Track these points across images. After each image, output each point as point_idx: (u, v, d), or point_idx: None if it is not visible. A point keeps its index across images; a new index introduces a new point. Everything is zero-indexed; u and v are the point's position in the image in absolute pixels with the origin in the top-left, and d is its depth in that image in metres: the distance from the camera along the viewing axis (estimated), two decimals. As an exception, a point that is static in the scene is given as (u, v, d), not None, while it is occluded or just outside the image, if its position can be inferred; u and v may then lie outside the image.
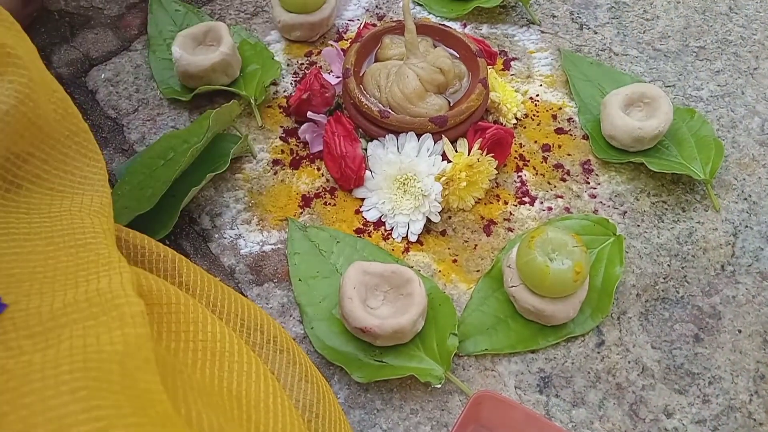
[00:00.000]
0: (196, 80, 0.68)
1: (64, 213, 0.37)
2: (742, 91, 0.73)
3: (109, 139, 0.69)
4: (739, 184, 0.67)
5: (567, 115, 0.71)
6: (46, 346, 0.30)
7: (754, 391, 0.55)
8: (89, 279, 0.33)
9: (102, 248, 0.35)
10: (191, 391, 0.33)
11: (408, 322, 0.52)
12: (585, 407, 0.54)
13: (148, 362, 0.30)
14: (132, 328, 0.31)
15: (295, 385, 0.46)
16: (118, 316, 0.31)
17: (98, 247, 0.35)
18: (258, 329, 0.47)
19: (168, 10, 0.77)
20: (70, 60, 0.75)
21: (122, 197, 0.60)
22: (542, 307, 0.55)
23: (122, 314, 0.31)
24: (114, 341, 0.30)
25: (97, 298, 0.32)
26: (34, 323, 0.31)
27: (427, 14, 0.80)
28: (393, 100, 0.63)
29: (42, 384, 0.28)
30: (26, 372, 0.29)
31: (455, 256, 0.61)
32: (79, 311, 0.32)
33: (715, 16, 0.80)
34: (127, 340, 0.30)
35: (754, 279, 0.61)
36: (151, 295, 0.38)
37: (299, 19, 0.74)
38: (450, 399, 0.54)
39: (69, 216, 0.37)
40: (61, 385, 0.28)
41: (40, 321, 0.31)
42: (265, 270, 0.60)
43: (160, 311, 0.37)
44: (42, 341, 0.30)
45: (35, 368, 0.29)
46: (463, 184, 0.61)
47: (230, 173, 0.66)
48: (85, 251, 0.35)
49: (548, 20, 0.79)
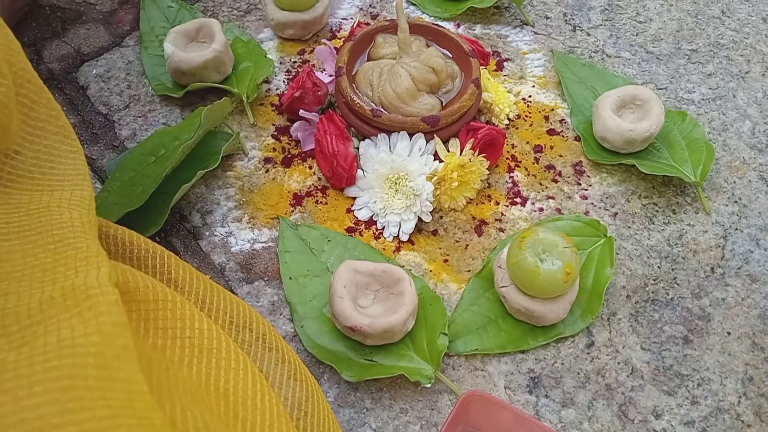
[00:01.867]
0: (188, 77, 0.68)
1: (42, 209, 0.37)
2: (734, 95, 0.74)
3: (100, 136, 0.69)
4: (729, 187, 0.67)
5: (559, 116, 0.71)
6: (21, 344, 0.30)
7: (742, 393, 0.55)
8: (67, 275, 0.33)
9: (80, 242, 0.35)
10: (177, 388, 0.33)
11: (398, 322, 0.52)
12: (574, 408, 0.54)
13: (127, 350, 0.30)
14: (107, 317, 0.30)
15: (284, 384, 0.45)
16: (91, 306, 0.31)
17: (77, 242, 0.35)
18: (247, 327, 0.47)
19: (160, 6, 0.77)
20: (61, 55, 0.74)
21: (112, 194, 0.60)
22: (532, 308, 0.55)
23: (96, 303, 0.31)
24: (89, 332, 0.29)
25: (71, 292, 0.32)
26: (10, 322, 0.31)
27: (421, 14, 0.80)
28: (385, 99, 0.63)
29: (14, 384, 0.28)
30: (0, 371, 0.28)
31: (446, 256, 0.61)
32: (54, 306, 0.31)
33: (708, 19, 0.81)
34: (103, 329, 0.30)
35: (743, 281, 0.61)
36: (138, 291, 0.37)
37: (292, 17, 0.74)
38: (440, 398, 0.54)
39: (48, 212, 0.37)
40: (35, 385, 0.28)
41: (17, 320, 0.31)
42: (255, 268, 0.60)
43: (147, 308, 0.37)
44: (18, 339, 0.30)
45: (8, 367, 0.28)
46: (454, 184, 0.61)
47: (221, 171, 0.66)
48: (64, 246, 0.34)
49: (541, 21, 0.79)
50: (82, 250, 0.34)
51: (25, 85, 0.39)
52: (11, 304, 0.31)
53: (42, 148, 0.40)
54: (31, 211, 0.36)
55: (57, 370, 0.28)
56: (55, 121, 0.41)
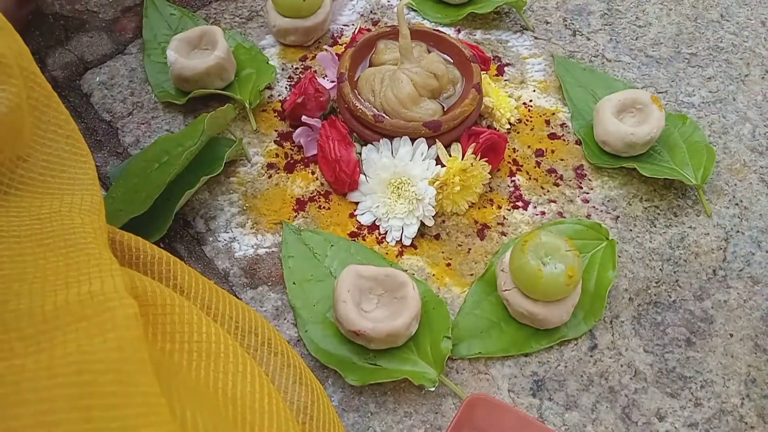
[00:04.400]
0: (190, 84, 0.69)
1: (54, 214, 0.37)
2: (734, 98, 0.74)
3: (104, 143, 0.69)
4: (730, 190, 0.67)
5: (560, 120, 0.71)
6: (38, 350, 0.30)
7: (745, 395, 0.55)
8: (80, 280, 0.33)
9: (92, 248, 0.35)
10: (186, 393, 0.33)
11: (402, 326, 0.52)
12: (578, 410, 0.54)
13: (144, 363, 0.30)
14: (126, 331, 0.31)
15: (290, 388, 0.46)
16: (110, 318, 0.31)
17: (88, 248, 0.35)
18: (252, 332, 0.47)
19: (163, 14, 0.77)
20: (64, 63, 0.75)
21: (116, 200, 0.60)
22: (535, 311, 0.55)
23: (115, 317, 0.31)
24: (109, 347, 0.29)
25: (89, 300, 0.32)
26: (25, 325, 0.31)
27: (422, 20, 0.80)
28: (387, 104, 0.63)
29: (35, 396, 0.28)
30: (18, 380, 0.28)
31: (449, 260, 0.62)
32: (72, 314, 0.31)
33: (707, 23, 0.81)
34: (121, 344, 0.30)
35: (745, 283, 0.61)
36: (145, 296, 0.38)
37: (294, 24, 0.74)
38: (444, 402, 0.54)
39: (59, 217, 0.37)
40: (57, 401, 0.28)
41: (31, 323, 0.31)
42: (259, 273, 0.60)
43: (154, 312, 0.37)
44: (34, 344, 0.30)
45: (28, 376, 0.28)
46: (456, 188, 0.62)
47: (225, 177, 0.66)
48: (76, 251, 0.34)
49: (541, 26, 0.80)
50: (95, 256, 0.34)
51: (36, 88, 0.40)
52: (24, 305, 0.31)
53: (53, 152, 0.40)
54: (42, 215, 0.37)
55: (78, 386, 0.28)
56: (65, 126, 0.41)
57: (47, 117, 0.40)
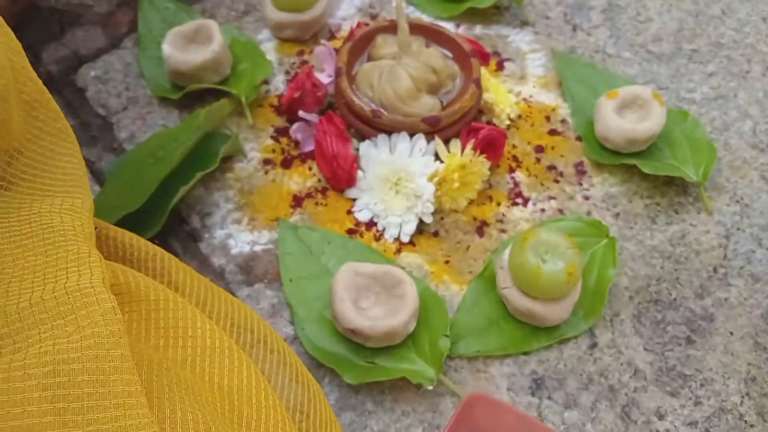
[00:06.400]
0: (186, 78, 0.68)
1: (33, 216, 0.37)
2: (735, 94, 0.73)
3: (99, 138, 0.68)
4: (731, 187, 0.67)
5: (560, 116, 0.71)
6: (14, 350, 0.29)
7: (745, 393, 0.55)
8: (57, 276, 0.32)
9: (71, 245, 0.34)
10: (179, 389, 0.32)
11: (400, 324, 0.52)
12: (577, 409, 0.53)
13: (123, 360, 0.29)
14: (103, 327, 0.30)
15: (286, 386, 0.45)
16: (87, 314, 0.30)
17: (67, 244, 0.34)
18: (248, 330, 0.47)
19: (158, 7, 0.76)
20: (59, 57, 0.74)
21: (111, 195, 0.60)
22: (535, 309, 0.54)
23: (92, 312, 0.30)
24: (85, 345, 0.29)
25: (65, 296, 0.31)
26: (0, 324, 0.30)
27: (420, 14, 0.79)
28: (385, 99, 0.62)
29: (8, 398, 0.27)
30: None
31: (448, 258, 0.61)
32: (47, 311, 0.31)
33: (708, 19, 0.80)
34: (99, 341, 0.29)
35: (746, 281, 0.61)
36: (138, 292, 0.37)
37: (291, 18, 0.74)
38: (442, 401, 0.53)
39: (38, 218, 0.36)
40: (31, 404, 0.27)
41: (6, 322, 0.30)
42: (255, 270, 0.60)
43: (147, 308, 0.37)
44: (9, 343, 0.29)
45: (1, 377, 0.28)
46: (455, 184, 0.61)
47: (220, 172, 0.65)
48: (54, 249, 0.34)
49: (542, 21, 0.79)
50: (73, 252, 0.33)
51: (27, 83, 0.39)
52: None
53: (38, 149, 0.39)
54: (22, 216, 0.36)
55: (53, 388, 0.27)
56: (53, 123, 0.40)
57: (36, 113, 0.40)
